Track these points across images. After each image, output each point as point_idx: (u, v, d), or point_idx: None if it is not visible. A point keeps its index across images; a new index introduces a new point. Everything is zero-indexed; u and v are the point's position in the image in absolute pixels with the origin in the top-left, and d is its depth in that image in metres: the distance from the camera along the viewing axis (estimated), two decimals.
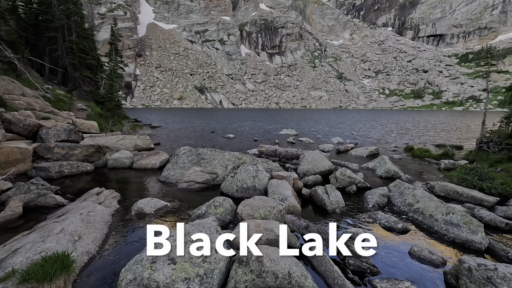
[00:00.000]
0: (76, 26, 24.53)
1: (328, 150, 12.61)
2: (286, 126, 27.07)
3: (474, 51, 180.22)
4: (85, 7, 30.37)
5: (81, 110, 20.66)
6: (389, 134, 20.82)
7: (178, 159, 7.98)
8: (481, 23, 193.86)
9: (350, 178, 6.71)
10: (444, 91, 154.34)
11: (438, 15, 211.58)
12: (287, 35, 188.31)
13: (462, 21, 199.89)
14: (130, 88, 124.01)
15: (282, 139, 16.46)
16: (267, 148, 10.45)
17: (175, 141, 15.47)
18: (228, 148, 13.21)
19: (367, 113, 69.11)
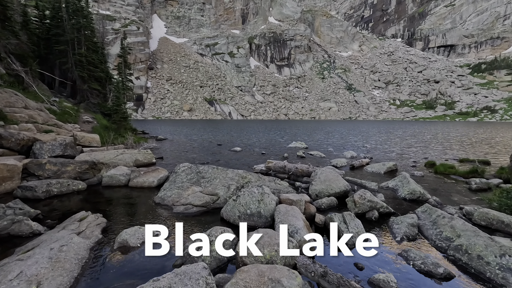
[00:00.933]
0: (86, 40, 24.74)
1: (341, 165, 11.67)
2: (295, 138, 26.19)
3: (487, 61, 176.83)
4: (98, 22, 30.91)
5: (87, 122, 20.43)
6: (406, 147, 19.66)
7: (177, 177, 7.23)
8: (493, 33, 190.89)
9: (371, 202, 5.78)
10: (457, 101, 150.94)
11: (448, 25, 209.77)
12: (295, 47, 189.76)
13: (474, 31, 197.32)
14: (141, 100, 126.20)
15: (291, 153, 15.61)
16: (275, 164, 9.62)
17: (180, 155, 14.83)
18: (234, 162, 12.44)
19: (379, 124, 67.48)
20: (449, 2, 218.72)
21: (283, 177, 9.19)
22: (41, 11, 27.64)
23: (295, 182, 8.47)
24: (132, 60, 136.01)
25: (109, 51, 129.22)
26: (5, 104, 12.17)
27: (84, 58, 24.20)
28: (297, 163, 9.75)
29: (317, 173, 7.59)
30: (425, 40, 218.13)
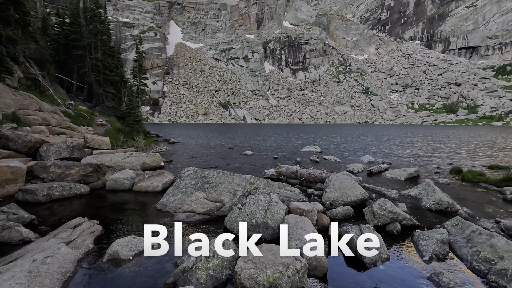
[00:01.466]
0: (102, 45, 25.23)
1: (357, 171, 10.94)
2: (309, 142, 25.46)
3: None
4: (115, 28, 31.65)
5: (101, 125, 20.65)
6: (427, 152, 18.51)
7: (181, 182, 6.84)
8: None
9: (392, 214, 5.12)
10: (480, 105, 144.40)
11: (470, 26, 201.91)
12: (310, 51, 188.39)
13: (498, 32, 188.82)
14: (157, 105, 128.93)
15: (304, 157, 14.97)
16: (287, 169, 9.06)
17: (190, 158, 14.55)
18: (243, 166, 11.98)
19: (397, 129, 65.16)
20: (471, 3, 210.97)
21: (294, 183, 8.62)
22: (62, 18, 28.56)
23: (308, 189, 7.87)
24: (149, 66, 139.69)
25: (127, 56, 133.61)
26: (19, 107, 12.34)
27: (100, 63, 24.65)
28: (310, 168, 9.16)
29: (332, 179, 6.98)
30: (445, 42, 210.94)
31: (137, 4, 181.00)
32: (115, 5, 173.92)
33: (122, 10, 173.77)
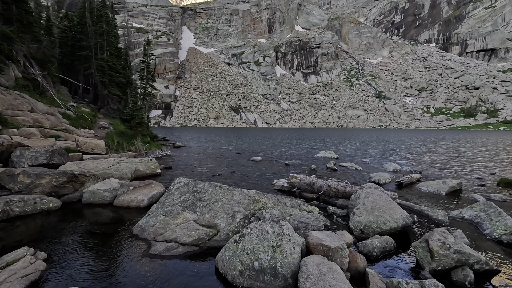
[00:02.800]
0: (108, 45, 24.49)
1: (384, 182, 9.23)
2: (323, 147, 23.72)
3: None
4: (129, 34, 31.13)
5: (103, 128, 19.67)
6: (458, 159, 16.47)
7: (168, 197, 5.41)
8: None
9: (459, 254, 3.49)
10: (500, 109, 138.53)
11: (488, 28, 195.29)
12: (322, 55, 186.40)
13: None
14: (169, 109, 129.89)
15: (319, 164, 13.33)
16: (301, 180, 7.50)
17: (192, 164, 13.17)
18: (250, 175, 10.49)
19: (415, 133, 62.08)
20: (489, 4, 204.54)
21: (311, 198, 7.07)
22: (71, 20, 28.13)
23: (328, 206, 6.29)
24: (162, 70, 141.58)
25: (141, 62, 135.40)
26: (7, 107, 11.34)
27: (106, 63, 23.89)
28: (329, 179, 7.58)
29: (360, 196, 5.39)
30: (462, 45, 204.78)
31: (150, 10, 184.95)
32: (130, 11, 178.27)
33: (136, 16, 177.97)
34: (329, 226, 5.06)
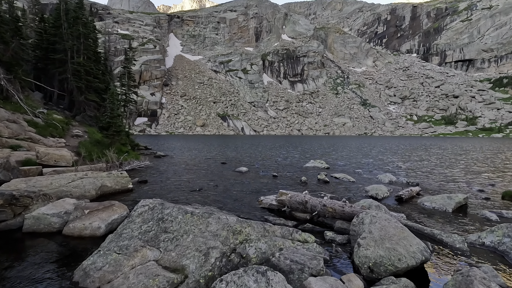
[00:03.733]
0: (85, 48, 23.05)
1: (383, 196, 8.39)
2: (312, 156, 22.92)
3: (508, 75, 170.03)
4: (108, 38, 29.71)
5: (76, 136, 18.13)
6: (453, 168, 15.98)
7: (127, 226, 4.26)
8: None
9: None
10: (478, 117, 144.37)
11: (465, 40, 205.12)
12: (309, 64, 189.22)
13: (493, 45, 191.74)
14: (155, 116, 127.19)
15: (310, 176, 12.42)
16: (291, 197, 6.51)
17: (171, 177, 11.95)
18: (234, 189, 9.40)
19: (401, 140, 62.74)
20: (465, 17, 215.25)
21: (303, 219, 6.10)
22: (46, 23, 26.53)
23: (324, 231, 5.30)
24: (148, 77, 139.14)
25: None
26: None
27: (82, 68, 22.41)
28: (323, 197, 6.63)
29: (364, 221, 4.45)
30: (441, 55, 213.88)
31: (137, 17, 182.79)
32: (115, 18, 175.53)
33: (122, 22, 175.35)
34: (329, 260, 4.08)
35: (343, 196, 8.51)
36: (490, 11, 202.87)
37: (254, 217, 6.30)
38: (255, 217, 6.35)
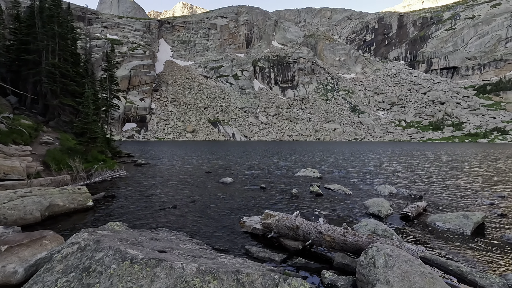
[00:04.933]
0: (61, 49, 21.47)
1: (386, 214, 7.23)
2: (304, 163, 21.77)
3: (492, 82, 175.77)
4: (88, 40, 28.13)
5: (45, 143, 16.47)
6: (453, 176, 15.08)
7: (40, 280, 2.92)
8: (496, 55, 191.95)
9: None
10: (464, 122, 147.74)
11: (450, 48, 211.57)
12: (299, 70, 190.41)
13: (476, 53, 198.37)
14: (144, 121, 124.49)
15: (302, 188, 11.22)
16: (279, 221, 5.25)
17: (145, 190, 10.53)
18: (215, 206, 8.07)
19: (391, 146, 62.59)
20: (449, 26, 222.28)
21: (294, 249, 4.87)
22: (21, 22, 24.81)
23: (322, 271, 4.07)
24: (137, 82, 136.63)
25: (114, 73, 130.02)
26: None
27: (57, 70, 20.79)
28: (319, 218, 5.40)
29: (376, 262, 3.25)
30: (427, 63, 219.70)
31: (126, 22, 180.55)
32: (104, 23, 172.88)
33: (111, 27, 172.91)
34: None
35: (340, 213, 7.34)
36: (473, 20, 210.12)
37: (233, 247, 5.02)
38: (235, 246, 5.07)
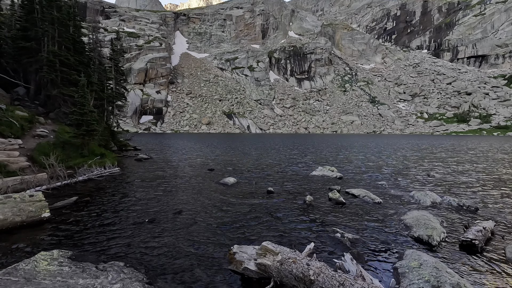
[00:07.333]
0: (60, 36, 20.23)
1: (439, 240, 5.15)
2: (320, 159, 19.59)
3: None
4: (94, 30, 26.87)
5: (38, 136, 15.29)
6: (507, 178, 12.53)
7: None
8: None
9: None
10: (492, 114, 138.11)
11: (478, 35, 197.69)
12: (316, 61, 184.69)
13: (507, 40, 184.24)
14: (161, 114, 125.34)
15: (318, 192, 9.20)
16: (282, 263, 3.33)
17: (132, 192, 8.88)
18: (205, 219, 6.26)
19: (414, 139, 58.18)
20: (478, 12, 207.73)
21: None
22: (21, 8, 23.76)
23: None
24: (154, 75, 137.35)
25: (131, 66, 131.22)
26: None
27: (57, 58, 19.61)
28: (344, 257, 3.45)
29: None
30: (453, 51, 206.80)
31: (143, 15, 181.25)
32: (121, 16, 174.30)
33: (128, 20, 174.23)
34: None
35: (372, 235, 5.34)
36: (505, 5, 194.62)
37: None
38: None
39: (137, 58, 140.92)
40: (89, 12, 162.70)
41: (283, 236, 5.32)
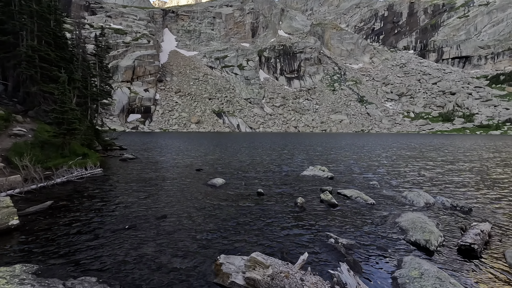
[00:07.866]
0: (40, 30, 19.24)
1: (437, 245, 4.93)
2: (311, 159, 19.38)
3: (505, 72, 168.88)
4: (77, 26, 25.73)
5: (14, 135, 14.43)
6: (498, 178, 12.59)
7: None
8: (510, 43, 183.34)
9: None
10: (475, 114, 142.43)
11: (462, 37, 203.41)
12: (305, 60, 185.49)
13: (490, 42, 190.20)
14: (149, 112, 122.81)
15: (309, 193, 8.92)
16: (273, 278, 3.00)
17: (113, 194, 8.36)
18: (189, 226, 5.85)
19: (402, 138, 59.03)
20: (462, 14, 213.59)
21: None
22: None
23: None
24: (142, 73, 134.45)
25: (118, 63, 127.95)
26: None
27: (36, 53, 18.64)
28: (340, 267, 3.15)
29: None
30: (438, 52, 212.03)
31: (130, 12, 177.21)
32: (108, 12, 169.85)
33: (114, 17, 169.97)
34: None
35: (366, 240, 5.08)
36: (487, 7, 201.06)
37: None
38: None
39: (124, 55, 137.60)
40: (74, 7, 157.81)
41: (274, 243, 4.99)
